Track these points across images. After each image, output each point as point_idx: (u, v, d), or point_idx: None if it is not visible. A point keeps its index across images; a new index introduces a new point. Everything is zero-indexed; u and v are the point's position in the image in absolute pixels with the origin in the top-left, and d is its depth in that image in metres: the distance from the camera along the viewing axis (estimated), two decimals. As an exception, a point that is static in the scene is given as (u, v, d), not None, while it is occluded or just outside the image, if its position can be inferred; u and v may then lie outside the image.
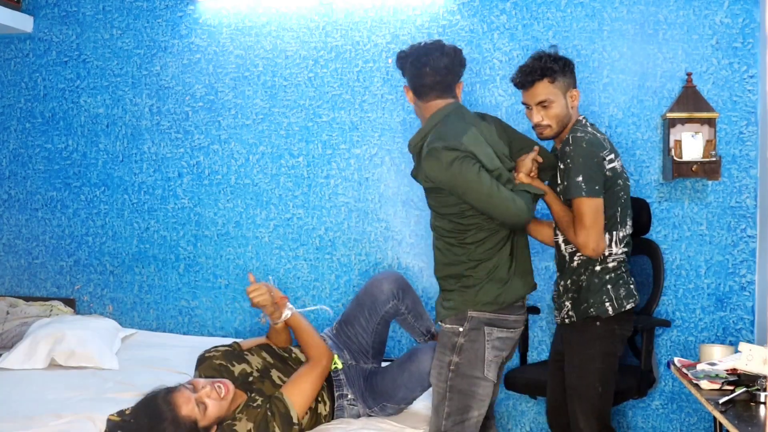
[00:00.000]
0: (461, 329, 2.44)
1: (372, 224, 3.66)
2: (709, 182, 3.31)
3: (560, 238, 2.66)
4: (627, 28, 3.39)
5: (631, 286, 2.63)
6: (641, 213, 3.15)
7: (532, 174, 2.55)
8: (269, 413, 2.33)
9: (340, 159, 3.69)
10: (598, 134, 2.58)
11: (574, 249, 2.59)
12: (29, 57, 4.08)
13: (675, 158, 3.20)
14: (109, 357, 3.28)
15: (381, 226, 3.65)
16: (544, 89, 2.55)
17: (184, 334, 3.84)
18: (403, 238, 3.61)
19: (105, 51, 3.98)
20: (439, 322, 2.52)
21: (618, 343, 2.62)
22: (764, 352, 2.01)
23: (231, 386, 2.34)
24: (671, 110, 3.26)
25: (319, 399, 2.58)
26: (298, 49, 3.74)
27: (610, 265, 2.58)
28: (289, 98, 3.75)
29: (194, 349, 2.97)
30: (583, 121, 2.62)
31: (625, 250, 2.62)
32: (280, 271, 3.75)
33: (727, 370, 2.19)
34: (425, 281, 3.57)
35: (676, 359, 2.39)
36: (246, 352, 2.65)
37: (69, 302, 3.98)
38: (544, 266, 3.44)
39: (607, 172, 2.51)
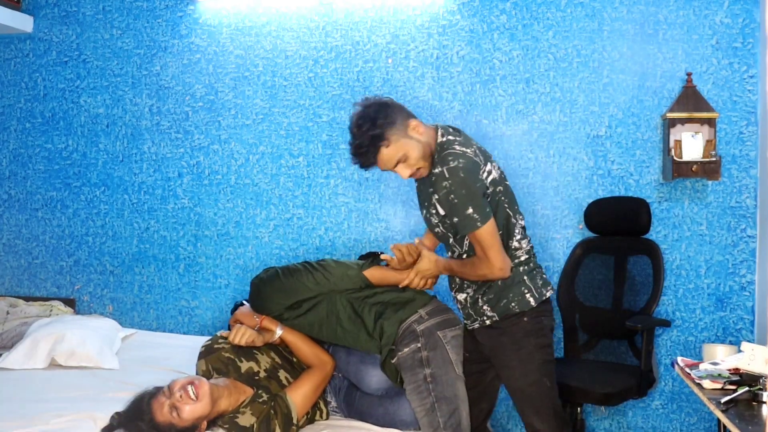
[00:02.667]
0: (419, 345, 2.50)
1: (372, 224, 3.66)
2: (709, 182, 3.32)
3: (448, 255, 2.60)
4: (627, 28, 3.40)
5: (544, 275, 2.55)
6: (641, 213, 3.16)
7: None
8: (272, 411, 2.35)
9: (340, 159, 3.69)
10: (467, 149, 2.38)
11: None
12: (29, 57, 4.08)
13: (675, 158, 3.20)
14: (109, 357, 3.27)
15: (381, 226, 3.65)
16: (387, 154, 2.35)
17: (184, 334, 3.84)
18: (403, 238, 3.61)
19: (105, 51, 3.98)
20: (393, 358, 2.56)
21: (549, 334, 2.50)
22: (767, 352, 2.01)
23: (206, 387, 2.34)
24: (671, 110, 3.26)
25: (318, 407, 2.59)
26: (298, 49, 3.74)
27: (523, 258, 2.48)
28: (289, 98, 3.75)
29: (194, 349, 2.96)
30: (445, 139, 2.40)
31: (527, 240, 2.54)
32: (280, 271, 3.75)
33: (729, 370, 2.19)
34: (425, 281, 3.57)
35: (679, 359, 2.38)
36: (255, 350, 2.64)
37: (69, 302, 3.98)
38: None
39: (488, 188, 2.39)
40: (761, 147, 3.26)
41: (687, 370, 2.29)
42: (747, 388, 2.03)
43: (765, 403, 1.99)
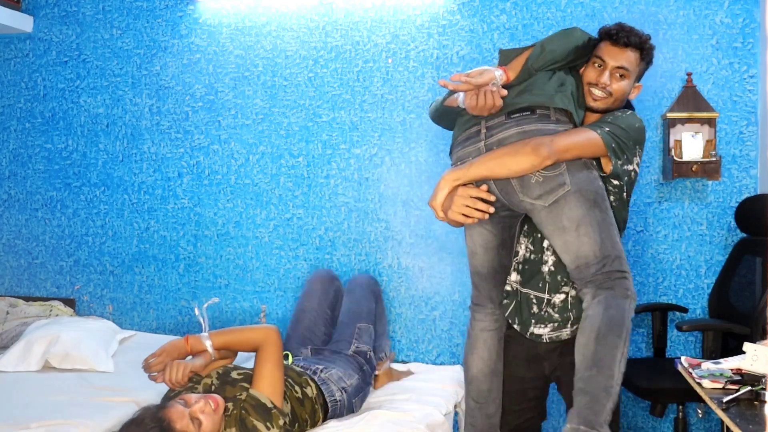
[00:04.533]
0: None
1: (372, 224, 3.66)
2: (709, 182, 3.32)
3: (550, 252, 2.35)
4: (627, 28, 3.40)
5: None
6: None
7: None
8: (243, 411, 2.29)
9: (340, 159, 3.69)
10: None
11: (556, 260, 2.31)
12: (29, 57, 4.08)
13: (675, 158, 3.20)
14: (104, 359, 3.22)
15: (381, 226, 3.65)
16: (631, 59, 2.28)
17: (184, 334, 3.82)
18: (403, 238, 3.61)
19: (105, 51, 3.98)
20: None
21: None
22: (768, 352, 2.01)
23: (221, 400, 2.28)
24: (671, 110, 3.27)
25: (303, 383, 2.55)
26: (298, 49, 3.74)
27: None
28: (289, 98, 3.75)
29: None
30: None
31: None
32: (280, 271, 3.75)
33: (731, 370, 2.19)
34: (425, 281, 3.57)
35: (683, 358, 2.38)
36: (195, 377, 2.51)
37: (69, 302, 3.97)
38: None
39: (634, 167, 2.29)
40: (761, 147, 3.27)
41: (689, 369, 2.29)
42: (749, 388, 2.03)
43: (767, 402, 1.99)
